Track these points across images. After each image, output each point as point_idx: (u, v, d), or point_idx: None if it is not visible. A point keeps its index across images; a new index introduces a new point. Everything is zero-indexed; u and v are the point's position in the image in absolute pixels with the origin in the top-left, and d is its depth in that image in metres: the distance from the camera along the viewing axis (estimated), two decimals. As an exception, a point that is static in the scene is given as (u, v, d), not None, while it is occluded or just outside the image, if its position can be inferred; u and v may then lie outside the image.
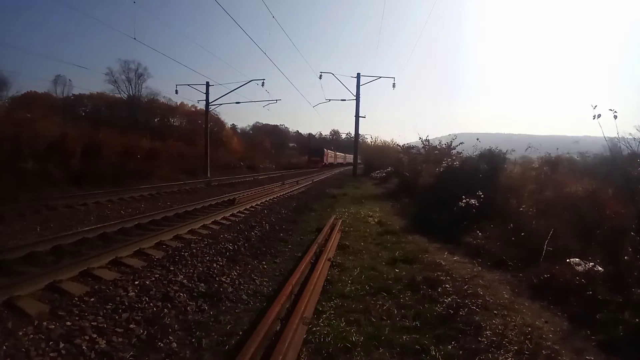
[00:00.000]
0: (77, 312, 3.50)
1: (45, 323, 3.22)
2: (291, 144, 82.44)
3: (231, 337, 3.23)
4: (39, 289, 3.97)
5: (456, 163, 11.08)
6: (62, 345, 2.92)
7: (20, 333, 3.04)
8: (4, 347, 2.82)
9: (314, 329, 3.33)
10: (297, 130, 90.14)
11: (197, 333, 3.29)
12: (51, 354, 2.80)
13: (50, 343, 2.93)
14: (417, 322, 3.56)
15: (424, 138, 17.68)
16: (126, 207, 10.09)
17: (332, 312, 3.75)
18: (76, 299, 3.80)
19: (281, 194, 14.87)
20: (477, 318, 3.66)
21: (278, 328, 3.25)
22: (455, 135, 16.28)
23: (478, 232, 7.02)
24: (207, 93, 27.44)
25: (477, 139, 12.17)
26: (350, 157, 67.70)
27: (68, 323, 3.25)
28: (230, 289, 4.36)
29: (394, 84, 29.08)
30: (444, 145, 16.15)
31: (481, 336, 3.32)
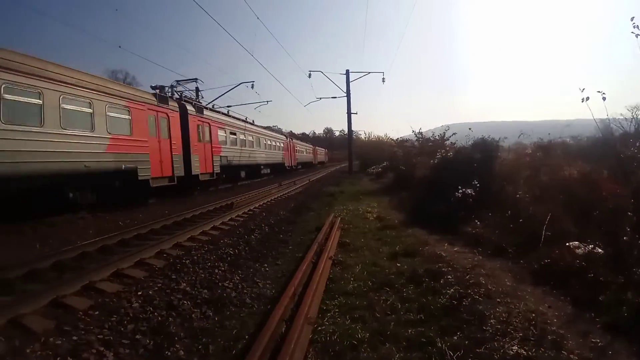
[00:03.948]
0: (83, 326, 3.49)
1: (52, 339, 3.22)
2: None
3: (237, 342, 3.24)
4: (43, 306, 3.96)
5: (450, 154, 11.12)
6: (69, 360, 2.92)
7: (28, 350, 3.03)
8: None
9: (320, 328, 3.33)
10: (291, 131, 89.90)
11: (204, 340, 3.29)
12: (59, 370, 2.80)
13: (58, 359, 2.93)
14: (422, 315, 3.57)
15: (417, 131, 17.70)
16: (124, 218, 10.04)
17: (337, 310, 3.76)
18: (81, 313, 3.80)
19: (278, 195, 14.87)
20: (480, 307, 3.67)
21: (283, 330, 3.26)
22: (448, 126, 16.28)
23: (476, 221, 7.05)
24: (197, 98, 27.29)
25: (470, 129, 12.23)
26: (321, 151, 65.91)
27: (74, 338, 3.25)
28: (233, 294, 4.37)
29: (383, 78, 29.29)
30: (437, 137, 16.16)
31: (486, 325, 3.32)
